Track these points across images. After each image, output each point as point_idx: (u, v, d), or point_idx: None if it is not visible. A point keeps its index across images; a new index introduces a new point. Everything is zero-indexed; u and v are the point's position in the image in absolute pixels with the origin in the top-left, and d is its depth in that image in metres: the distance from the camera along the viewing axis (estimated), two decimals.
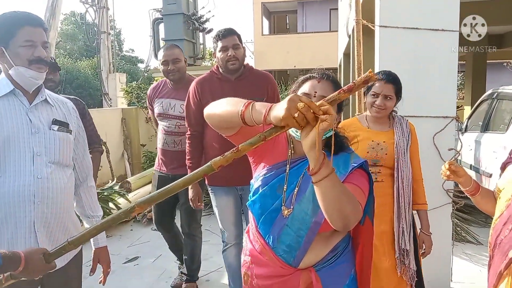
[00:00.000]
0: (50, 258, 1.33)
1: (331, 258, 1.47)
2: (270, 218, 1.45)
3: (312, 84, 1.45)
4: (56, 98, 1.82)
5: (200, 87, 2.73)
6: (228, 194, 2.77)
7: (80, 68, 28.18)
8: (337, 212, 1.22)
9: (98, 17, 10.73)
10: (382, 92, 2.27)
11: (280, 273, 1.45)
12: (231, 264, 2.88)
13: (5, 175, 1.58)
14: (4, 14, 1.63)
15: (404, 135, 2.36)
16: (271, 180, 1.46)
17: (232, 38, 2.66)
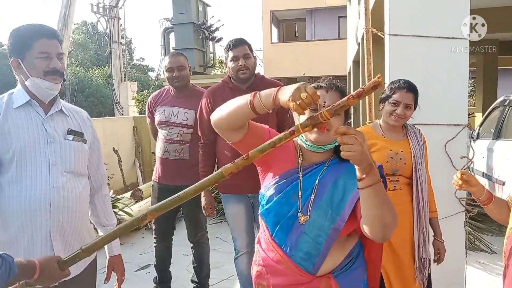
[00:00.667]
0: (64, 265, 1.35)
1: (347, 264, 1.48)
2: (286, 225, 1.45)
3: (321, 94, 1.46)
4: (71, 109, 1.85)
5: (212, 96, 2.76)
6: (239, 202, 2.79)
7: (91, 77, 28.54)
8: (378, 220, 1.26)
9: (110, 27, 10.88)
10: (404, 101, 2.25)
11: (299, 281, 1.44)
12: (242, 272, 2.88)
13: (21, 184, 1.61)
14: (20, 27, 1.67)
15: (419, 144, 2.35)
16: (284, 188, 1.47)
17: (242, 48, 2.69)
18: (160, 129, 3.17)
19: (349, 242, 1.50)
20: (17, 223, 1.61)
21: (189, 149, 3.09)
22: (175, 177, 3.12)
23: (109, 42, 10.95)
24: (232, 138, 1.47)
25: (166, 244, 3.37)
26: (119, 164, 6.84)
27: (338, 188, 1.42)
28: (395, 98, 2.27)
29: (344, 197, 1.41)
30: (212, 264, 3.73)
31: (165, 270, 3.42)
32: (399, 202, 2.17)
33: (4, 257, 1.17)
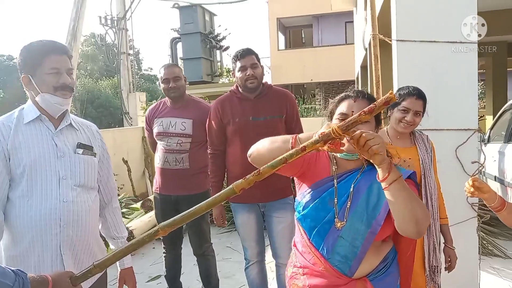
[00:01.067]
0: (76, 281, 1.35)
1: (383, 268, 1.52)
2: (323, 230, 1.50)
3: (349, 104, 1.51)
4: (81, 122, 1.87)
5: (221, 106, 2.78)
6: (249, 211, 2.78)
7: (101, 88, 28.81)
8: (409, 215, 1.30)
9: (118, 38, 10.98)
10: (414, 108, 2.24)
11: (336, 283, 1.49)
12: (253, 281, 2.88)
13: (32, 199, 1.62)
14: (31, 43, 1.69)
15: (427, 151, 2.33)
16: (320, 194, 1.53)
17: (250, 58, 2.70)
18: (159, 140, 3.19)
19: (383, 247, 1.54)
20: (27, 238, 1.62)
21: (189, 158, 3.11)
22: (176, 187, 3.13)
23: (117, 53, 11.05)
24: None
25: (175, 252, 3.38)
26: (129, 174, 6.87)
27: (372, 193, 1.47)
28: (404, 105, 2.25)
29: (379, 201, 1.46)
30: (223, 274, 3.72)
31: (175, 280, 3.41)
32: None
33: (17, 273, 1.17)
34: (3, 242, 1.65)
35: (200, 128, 3.11)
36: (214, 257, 3.38)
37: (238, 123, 2.71)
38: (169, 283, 3.41)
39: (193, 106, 3.17)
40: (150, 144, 3.48)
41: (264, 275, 2.92)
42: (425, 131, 2.51)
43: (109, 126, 22.17)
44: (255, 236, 2.82)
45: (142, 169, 7.57)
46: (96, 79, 31.17)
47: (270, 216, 2.78)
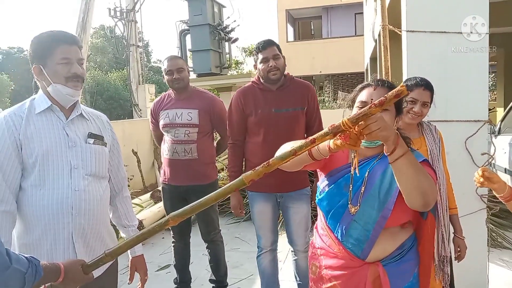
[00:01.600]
0: (88, 269, 1.39)
1: (398, 255, 1.55)
2: (337, 213, 1.56)
3: (369, 92, 1.53)
4: (91, 112, 1.89)
5: (243, 97, 2.79)
6: (266, 200, 2.80)
7: (110, 80, 28.96)
8: (416, 188, 1.33)
9: (127, 30, 11.01)
10: (421, 99, 2.22)
11: (349, 265, 1.55)
12: (265, 270, 2.90)
13: (44, 188, 1.65)
14: (41, 34, 1.71)
15: (435, 141, 2.32)
16: (337, 180, 1.58)
17: (272, 49, 2.70)
18: (166, 132, 3.21)
19: (401, 234, 1.57)
20: (40, 226, 1.65)
21: (197, 148, 3.14)
22: (184, 177, 3.16)
23: (126, 45, 11.09)
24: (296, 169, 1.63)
25: (184, 242, 3.42)
26: (138, 165, 6.94)
27: (386, 179, 1.50)
28: (412, 96, 2.23)
29: (391, 186, 1.48)
30: (231, 264, 3.76)
31: (184, 270, 3.46)
32: None
33: (31, 260, 1.20)
34: (16, 231, 1.68)
35: (205, 118, 3.14)
36: (223, 244, 3.42)
37: (260, 115, 2.71)
38: (178, 272, 3.45)
39: (198, 97, 3.20)
40: (155, 137, 3.50)
41: (275, 263, 2.95)
42: (434, 122, 2.50)
43: (118, 118, 22.32)
44: (270, 225, 2.84)
45: (151, 160, 7.63)
46: (106, 71, 31.32)
47: (286, 206, 2.80)
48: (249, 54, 18.33)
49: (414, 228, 1.62)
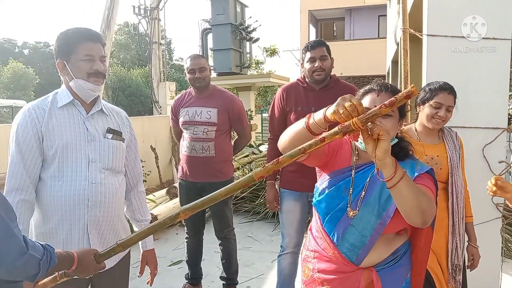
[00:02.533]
0: (100, 258, 1.43)
1: (392, 261, 1.53)
2: (335, 217, 1.53)
3: (372, 98, 1.50)
4: (111, 108, 1.94)
5: (286, 93, 2.82)
6: (297, 199, 2.79)
7: (132, 77, 29.35)
8: (416, 208, 1.30)
9: (150, 28, 11.15)
10: (446, 103, 2.18)
11: (343, 270, 1.53)
12: (283, 270, 2.88)
13: (62, 180, 1.71)
14: (67, 30, 1.76)
15: (456, 148, 2.28)
16: (337, 182, 1.55)
17: (320, 50, 2.71)
18: (185, 130, 3.27)
19: (396, 240, 1.55)
20: (57, 216, 1.70)
21: (215, 146, 3.19)
22: (202, 174, 3.22)
23: (149, 42, 11.23)
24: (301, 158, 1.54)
25: (197, 238, 3.47)
26: (156, 161, 7.02)
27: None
28: (437, 100, 2.18)
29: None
30: (242, 263, 3.78)
31: (196, 266, 3.50)
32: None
33: (46, 248, 1.25)
34: (33, 219, 1.75)
35: (224, 116, 3.19)
36: (236, 242, 3.46)
37: (299, 112, 2.71)
38: (190, 268, 3.50)
39: (218, 96, 3.25)
40: (174, 133, 3.56)
41: (295, 267, 2.90)
42: (454, 128, 2.47)
43: (139, 114, 22.60)
44: (296, 225, 2.82)
45: (169, 157, 7.72)
46: (128, 68, 31.76)
47: None
48: (270, 54, 18.35)
49: (409, 235, 1.61)
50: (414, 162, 1.52)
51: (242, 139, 3.46)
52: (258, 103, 16.11)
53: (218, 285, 3.55)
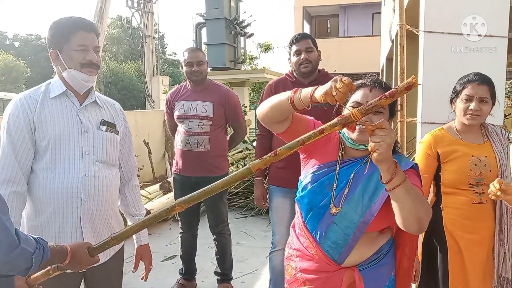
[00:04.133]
0: (94, 252, 1.40)
1: (375, 260, 1.51)
2: (318, 214, 1.50)
3: (364, 93, 1.47)
4: (105, 100, 1.91)
5: (274, 88, 2.78)
6: (286, 196, 2.77)
7: (125, 71, 29.15)
8: (412, 216, 1.28)
9: (143, 22, 11.07)
10: (477, 94, 1.98)
11: (325, 269, 1.50)
12: (275, 267, 2.87)
13: (55, 172, 1.67)
14: (60, 19, 1.72)
15: (503, 146, 2.06)
16: (320, 178, 1.51)
17: (305, 42, 2.69)
18: (180, 123, 3.24)
19: (380, 239, 1.53)
20: (49, 209, 1.67)
21: (210, 140, 3.16)
22: (196, 168, 3.19)
23: (142, 36, 11.15)
24: (276, 129, 1.53)
25: (192, 233, 3.44)
26: (149, 156, 6.98)
27: (371, 183, 1.45)
28: (466, 92, 2.01)
29: (375, 191, 1.43)
30: (236, 258, 3.76)
31: (190, 261, 3.48)
32: (483, 217, 1.99)
33: (38, 241, 1.22)
34: (25, 212, 1.71)
35: (220, 111, 3.16)
36: (230, 237, 3.44)
37: None
38: (184, 263, 3.48)
39: (214, 90, 3.22)
40: (169, 127, 3.53)
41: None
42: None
43: (132, 109, 22.49)
44: (287, 221, 2.77)
45: (162, 152, 7.67)
46: (121, 62, 31.54)
47: None
48: (265, 49, 18.31)
49: (393, 233, 1.58)
50: (399, 158, 1.48)
51: (238, 134, 3.43)
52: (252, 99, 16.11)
53: (212, 281, 3.53)
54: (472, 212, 2.01)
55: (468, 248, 2.03)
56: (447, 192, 2.10)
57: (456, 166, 2.03)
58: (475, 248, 2.01)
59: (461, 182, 2.02)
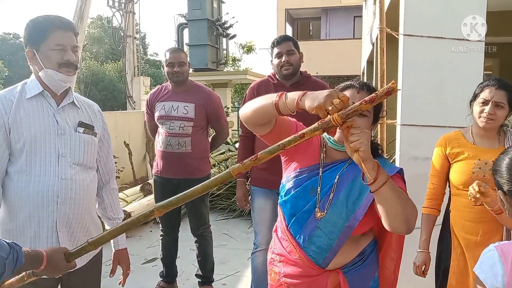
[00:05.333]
0: (70, 257, 1.37)
1: (358, 261, 1.51)
2: (301, 219, 1.48)
3: (352, 94, 1.47)
4: (83, 101, 1.86)
5: (257, 90, 2.77)
6: (267, 197, 2.77)
7: (105, 71, 28.79)
8: (399, 215, 1.27)
9: (125, 22, 10.94)
10: (494, 98, 1.99)
11: (309, 273, 1.49)
12: (257, 268, 2.86)
13: (30, 175, 1.62)
14: (37, 18, 1.68)
15: None
16: (303, 182, 1.50)
17: (286, 44, 2.69)
18: (161, 124, 3.20)
19: (362, 241, 1.53)
20: (24, 213, 1.62)
21: (191, 142, 3.13)
22: (177, 170, 3.16)
23: (123, 36, 11.03)
24: (259, 131, 1.52)
25: (173, 236, 3.41)
26: (129, 157, 6.89)
27: (355, 187, 1.44)
28: (483, 96, 2.02)
29: (360, 196, 1.43)
30: (218, 260, 3.75)
31: (171, 264, 3.45)
32: (486, 219, 1.98)
33: (12, 246, 1.18)
34: (0, 216, 1.66)
35: (201, 112, 3.13)
36: (212, 239, 3.42)
37: None
38: (165, 266, 3.44)
39: (195, 91, 3.20)
40: (149, 128, 3.48)
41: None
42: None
43: (112, 109, 22.19)
44: (268, 222, 2.78)
45: (143, 153, 7.59)
46: (101, 62, 31.13)
47: None
48: (247, 51, 18.33)
49: (375, 233, 1.59)
50: (383, 161, 1.48)
51: (220, 135, 3.42)
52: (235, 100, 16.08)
53: (194, 283, 3.51)
54: (474, 214, 2.04)
55: (470, 249, 2.06)
56: (454, 193, 2.15)
57: (460, 167, 2.08)
58: (477, 249, 2.03)
59: (463, 184, 2.05)
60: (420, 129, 2.87)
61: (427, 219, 2.20)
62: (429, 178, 2.28)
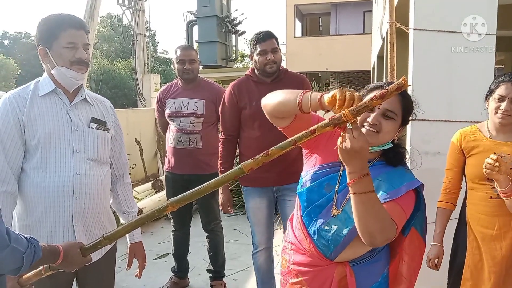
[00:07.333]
0: (86, 252, 1.39)
1: (368, 257, 1.51)
2: (313, 212, 1.50)
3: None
4: (95, 97, 1.90)
5: (237, 90, 2.76)
6: (261, 196, 2.77)
7: (116, 69, 28.97)
8: (363, 226, 1.28)
9: (134, 19, 11.00)
10: (510, 95, 1.98)
11: (317, 263, 1.51)
12: (260, 267, 2.88)
13: (46, 171, 1.66)
14: (48, 16, 1.71)
15: None
16: (320, 177, 1.51)
17: (271, 42, 2.68)
18: (171, 121, 3.23)
19: None
20: (40, 208, 1.66)
21: (202, 138, 3.17)
22: (188, 166, 3.19)
23: (133, 34, 11.08)
24: (279, 124, 1.52)
25: (184, 231, 3.45)
26: (140, 154, 6.95)
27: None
28: (499, 92, 2.02)
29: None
30: (229, 256, 3.77)
31: (182, 259, 3.48)
32: (502, 213, 1.97)
33: (30, 241, 1.21)
34: (16, 212, 1.70)
35: (211, 108, 3.16)
36: (223, 235, 3.45)
37: (255, 107, 2.66)
38: (177, 261, 3.48)
39: (205, 87, 3.23)
40: (160, 125, 3.52)
41: (271, 261, 2.91)
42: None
43: (123, 107, 22.32)
44: (265, 221, 2.80)
45: (154, 150, 7.65)
46: (112, 60, 31.34)
47: (284, 200, 2.76)
48: None
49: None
50: (403, 171, 1.46)
51: None
52: None
53: (205, 278, 3.54)
54: (489, 207, 2.04)
55: (486, 243, 2.06)
56: (470, 187, 2.15)
57: (475, 161, 2.08)
58: (492, 243, 2.04)
59: (478, 177, 2.05)
60: (430, 123, 2.85)
61: (442, 213, 2.21)
62: (445, 172, 2.28)
